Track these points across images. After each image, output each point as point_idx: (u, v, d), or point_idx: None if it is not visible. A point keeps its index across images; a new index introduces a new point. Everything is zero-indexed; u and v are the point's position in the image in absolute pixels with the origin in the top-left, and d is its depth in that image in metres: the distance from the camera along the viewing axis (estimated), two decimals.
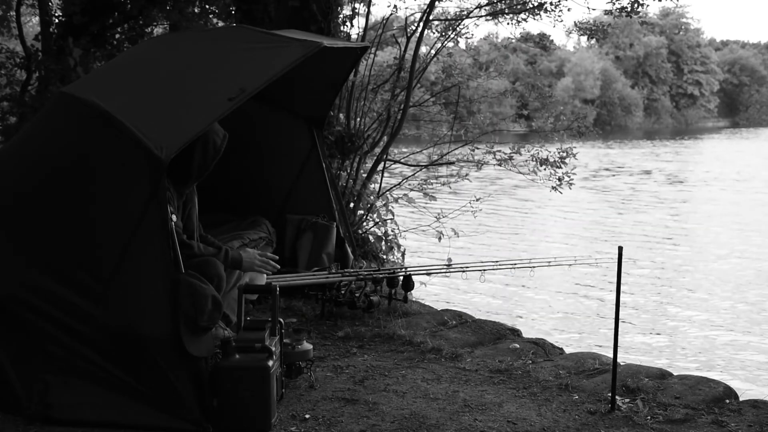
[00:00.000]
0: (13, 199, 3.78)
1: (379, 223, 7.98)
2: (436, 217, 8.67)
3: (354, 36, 8.41)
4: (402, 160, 9.09)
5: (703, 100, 79.66)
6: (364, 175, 7.84)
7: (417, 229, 9.25)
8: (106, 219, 3.51)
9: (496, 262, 5.71)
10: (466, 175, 8.76)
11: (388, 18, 9.19)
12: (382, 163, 8.15)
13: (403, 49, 8.40)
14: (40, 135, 4.00)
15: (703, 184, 24.93)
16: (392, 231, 8.00)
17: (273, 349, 3.51)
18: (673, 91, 79.01)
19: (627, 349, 8.09)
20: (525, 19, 9.20)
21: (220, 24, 9.99)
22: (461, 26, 9.14)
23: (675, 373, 4.49)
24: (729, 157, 37.73)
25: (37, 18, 11.88)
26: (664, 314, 9.89)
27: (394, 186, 8.65)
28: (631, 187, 24.54)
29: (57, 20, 9.86)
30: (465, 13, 9.07)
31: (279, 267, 4.47)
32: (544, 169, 8.45)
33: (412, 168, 8.94)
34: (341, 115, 7.76)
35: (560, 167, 8.41)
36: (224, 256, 4.07)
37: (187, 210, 4.22)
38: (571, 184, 8.43)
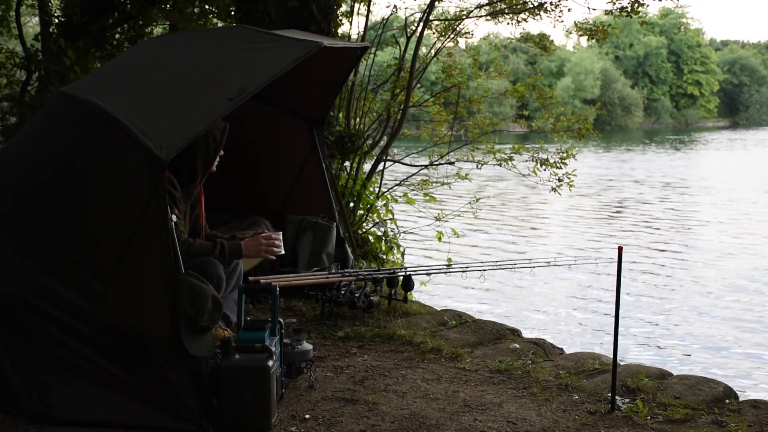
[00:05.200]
0: (13, 199, 3.78)
1: (379, 223, 7.98)
2: (436, 217, 8.67)
3: (354, 36, 8.43)
4: (402, 160, 9.09)
5: (703, 100, 79.65)
6: (364, 175, 7.84)
7: (417, 229, 9.25)
8: (107, 219, 3.51)
9: (496, 262, 5.71)
10: (466, 175, 8.76)
11: (388, 18, 9.20)
12: (382, 163, 8.15)
13: (403, 49, 8.40)
14: (40, 135, 4.00)
15: (704, 187, 24.92)
16: (392, 231, 8.00)
17: (273, 349, 3.51)
18: (673, 91, 79.02)
19: (627, 349, 8.09)
20: (525, 19, 9.20)
21: (220, 24, 9.99)
22: (461, 26, 9.15)
23: (675, 373, 4.48)
24: (728, 160, 37.75)
25: (37, 18, 11.89)
26: (664, 314, 9.89)
27: (394, 186, 8.65)
28: (631, 189, 24.54)
29: (57, 20, 9.87)
30: (465, 13, 9.08)
31: (283, 252, 4.46)
32: (545, 170, 8.46)
33: (412, 168, 8.95)
34: (341, 115, 7.76)
35: (560, 167, 8.41)
36: (220, 251, 4.07)
37: (195, 211, 4.24)
38: (571, 185, 8.44)
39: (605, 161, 34.36)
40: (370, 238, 7.73)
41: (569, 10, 8.93)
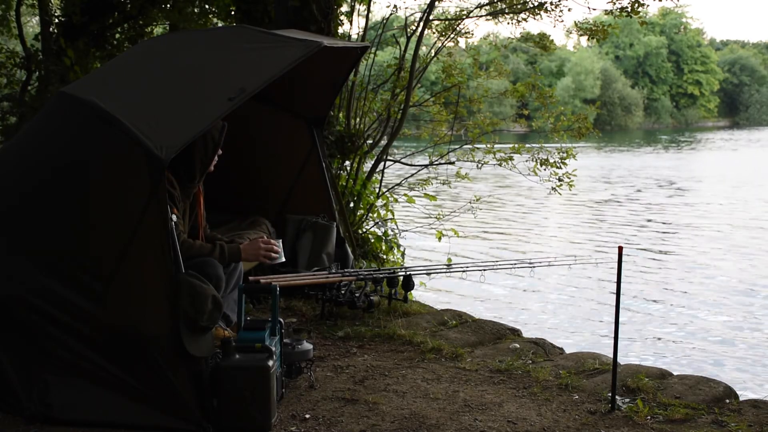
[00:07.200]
0: (13, 199, 3.78)
1: (379, 223, 7.99)
2: (436, 217, 8.67)
3: (354, 36, 8.43)
4: (402, 160, 9.10)
5: (703, 100, 79.70)
6: (364, 175, 7.84)
7: (417, 229, 9.25)
8: (107, 219, 3.50)
9: (496, 262, 5.71)
10: (466, 174, 8.76)
11: (388, 18, 9.20)
12: (382, 163, 8.15)
13: (403, 49, 8.40)
14: (40, 135, 4.00)
15: (703, 187, 24.93)
16: (392, 231, 8.00)
17: (273, 349, 3.51)
18: (673, 90, 79.06)
19: (627, 349, 8.09)
20: (525, 19, 9.21)
21: (220, 24, 9.99)
22: (461, 26, 9.15)
23: (675, 373, 4.48)
24: (727, 159, 37.76)
25: (37, 18, 11.90)
26: (664, 314, 9.89)
27: (394, 186, 8.65)
28: (631, 188, 24.54)
29: (57, 20, 9.87)
30: (465, 13, 9.08)
31: (284, 259, 4.47)
32: (544, 170, 8.46)
33: (412, 168, 8.95)
34: (341, 115, 7.76)
35: (560, 167, 8.41)
36: (219, 252, 4.07)
37: (194, 210, 4.24)
38: (571, 185, 8.44)
39: (604, 161, 34.36)
40: (370, 238, 7.73)
41: (569, 10, 8.94)
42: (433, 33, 9.19)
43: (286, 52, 3.89)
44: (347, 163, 7.59)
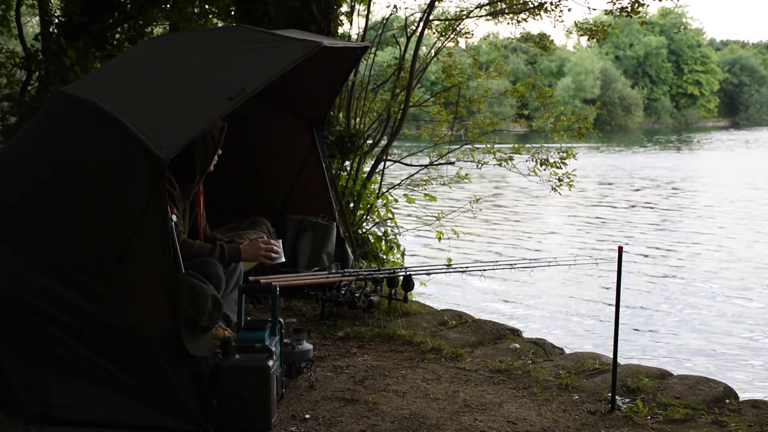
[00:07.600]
0: (13, 199, 3.78)
1: (379, 223, 7.99)
2: (436, 217, 8.67)
3: (354, 36, 8.43)
4: (402, 160, 9.10)
5: (703, 100, 79.71)
6: (364, 175, 7.84)
7: (417, 229, 9.25)
8: (107, 219, 3.50)
9: (496, 262, 5.71)
10: (466, 174, 8.77)
11: (388, 18, 9.20)
12: (382, 163, 8.15)
13: (403, 49, 8.41)
14: (40, 135, 4.00)
15: (703, 187, 24.93)
16: (392, 231, 8.00)
17: (273, 349, 3.51)
18: (673, 90, 79.06)
19: (627, 349, 8.09)
20: (525, 19, 9.21)
21: (220, 24, 10.00)
22: (461, 26, 9.16)
23: (675, 373, 4.48)
24: (727, 159, 37.77)
25: (37, 18, 11.90)
26: (664, 314, 9.89)
27: (394, 186, 8.66)
28: (631, 188, 24.55)
29: (57, 20, 9.87)
30: (465, 13, 9.08)
31: (284, 259, 4.47)
32: (544, 170, 8.47)
33: (412, 168, 8.95)
34: (341, 115, 7.76)
35: (560, 167, 8.42)
36: (219, 252, 4.08)
37: (194, 210, 4.24)
38: (571, 185, 8.45)
39: (604, 161, 34.37)
40: (370, 238, 7.74)
41: (569, 10, 8.95)
42: (433, 33, 9.19)
43: (286, 52, 3.89)
44: (347, 163, 7.60)
